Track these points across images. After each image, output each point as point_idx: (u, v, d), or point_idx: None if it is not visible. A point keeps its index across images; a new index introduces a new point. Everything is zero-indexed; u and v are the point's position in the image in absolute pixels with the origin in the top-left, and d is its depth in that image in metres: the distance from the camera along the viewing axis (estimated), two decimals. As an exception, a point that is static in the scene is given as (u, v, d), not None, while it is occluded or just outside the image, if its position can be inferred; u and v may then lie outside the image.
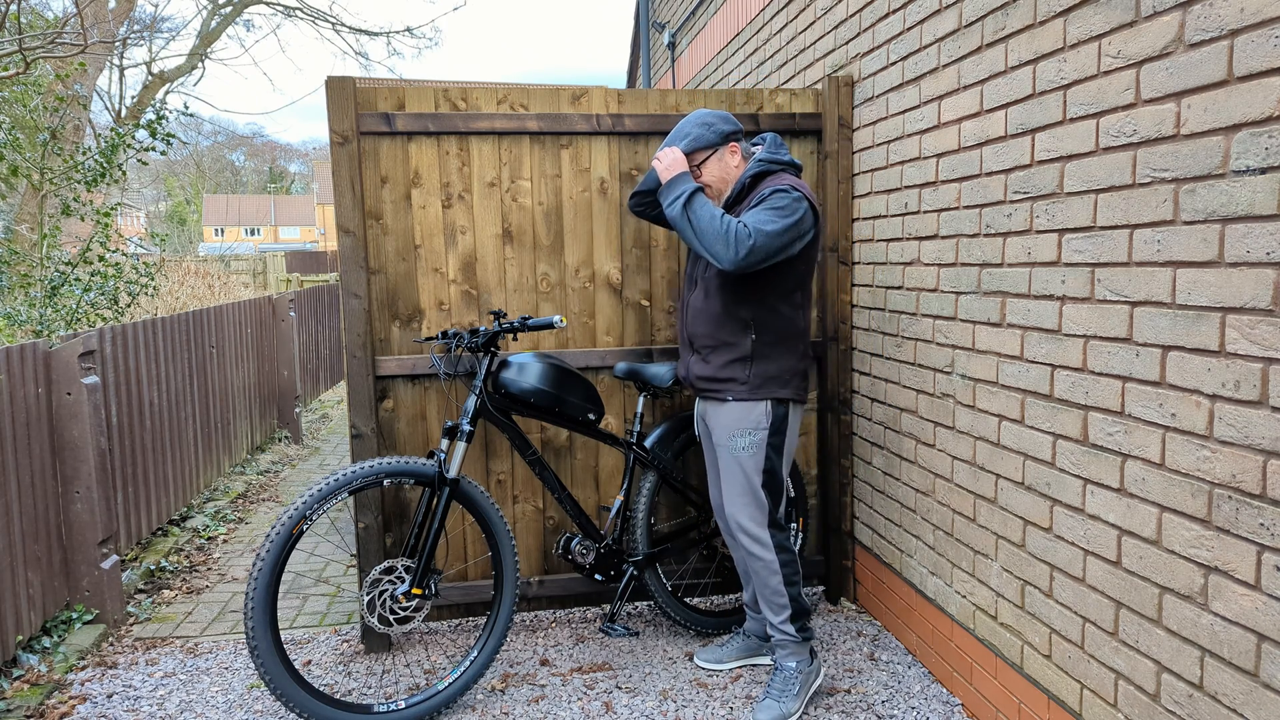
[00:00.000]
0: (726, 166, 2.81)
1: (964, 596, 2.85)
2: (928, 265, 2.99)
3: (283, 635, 3.45)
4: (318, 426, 7.87)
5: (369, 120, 3.20)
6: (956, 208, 2.78)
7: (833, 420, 3.64)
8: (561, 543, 3.25)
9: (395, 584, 2.85)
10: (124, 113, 15.79)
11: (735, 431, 2.80)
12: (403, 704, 2.79)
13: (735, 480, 2.83)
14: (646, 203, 3.01)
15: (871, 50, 3.33)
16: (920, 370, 3.07)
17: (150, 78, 16.28)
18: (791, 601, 2.84)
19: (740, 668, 3.17)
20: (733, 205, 2.83)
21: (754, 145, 2.90)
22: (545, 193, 3.40)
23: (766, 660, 3.18)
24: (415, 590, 2.83)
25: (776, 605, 2.85)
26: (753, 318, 2.79)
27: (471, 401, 2.94)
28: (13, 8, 5.73)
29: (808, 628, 2.88)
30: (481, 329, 3.01)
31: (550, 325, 2.92)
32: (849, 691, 3.00)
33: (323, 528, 4.97)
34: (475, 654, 2.93)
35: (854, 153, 3.54)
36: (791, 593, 2.84)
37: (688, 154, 2.79)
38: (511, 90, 3.40)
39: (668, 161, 2.73)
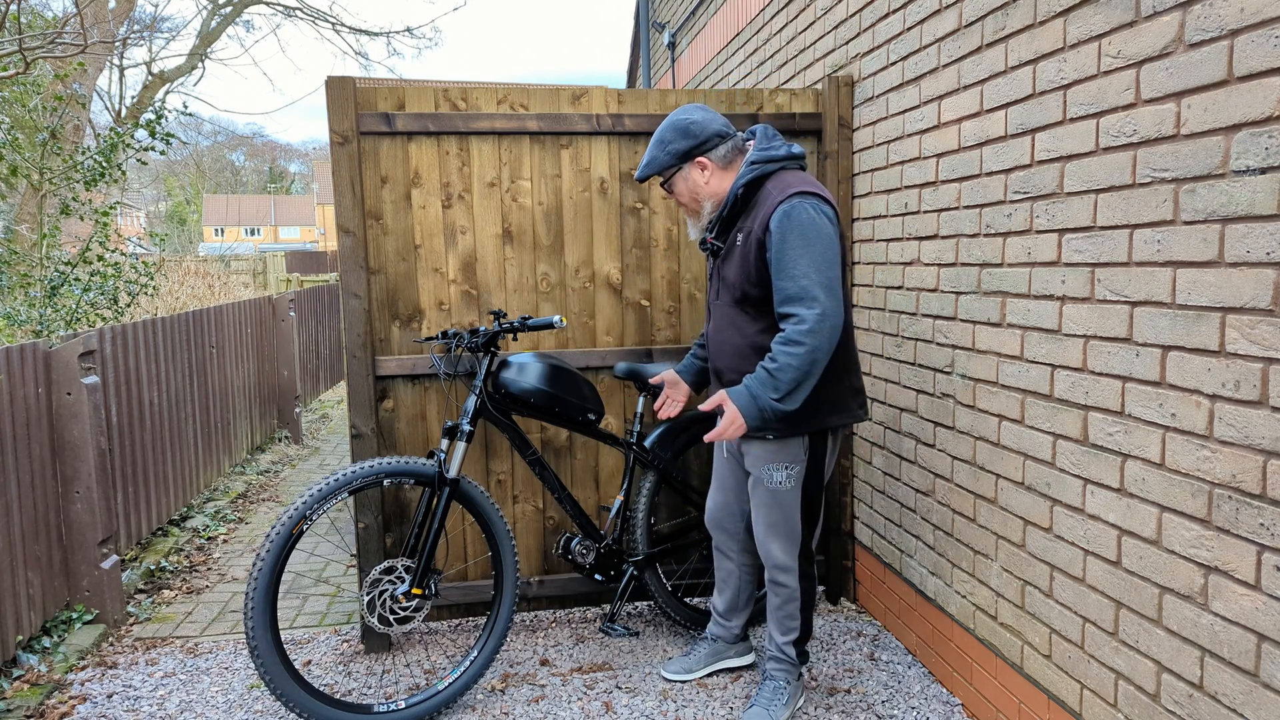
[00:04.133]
0: (695, 184, 2.60)
1: (964, 596, 2.85)
2: (928, 265, 2.99)
3: (283, 635, 3.45)
4: (318, 426, 7.86)
5: (369, 120, 3.20)
6: (956, 208, 2.78)
7: (833, 420, 3.64)
8: (561, 543, 3.25)
9: (395, 584, 2.85)
10: (124, 113, 15.79)
11: (772, 465, 2.62)
12: (403, 704, 2.79)
13: (770, 512, 2.68)
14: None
15: (871, 50, 3.33)
16: (920, 370, 3.07)
17: (150, 78, 16.29)
18: (802, 626, 2.81)
19: (708, 675, 3.11)
20: (730, 222, 2.60)
21: (747, 142, 2.65)
22: (545, 193, 3.40)
23: (734, 663, 3.14)
24: (415, 590, 2.83)
25: (787, 626, 2.81)
26: None
27: (471, 401, 2.94)
28: (13, 8, 5.73)
29: (806, 653, 2.86)
30: (481, 329, 3.01)
31: (550, 325, 2.92)
32: (849, 691, 3.00)
33: (323, 528, 4.97)
34: (475, 654, 2.93)
35: (854, 153, 3.54)
36: (805, 617, 2.80)
37: (651, 172, 2.63)
38: (511, 90, 3.40)
39: (732, 425, 2.42)
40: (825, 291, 2.37)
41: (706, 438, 2.50)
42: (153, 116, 6.43)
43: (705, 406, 2.53)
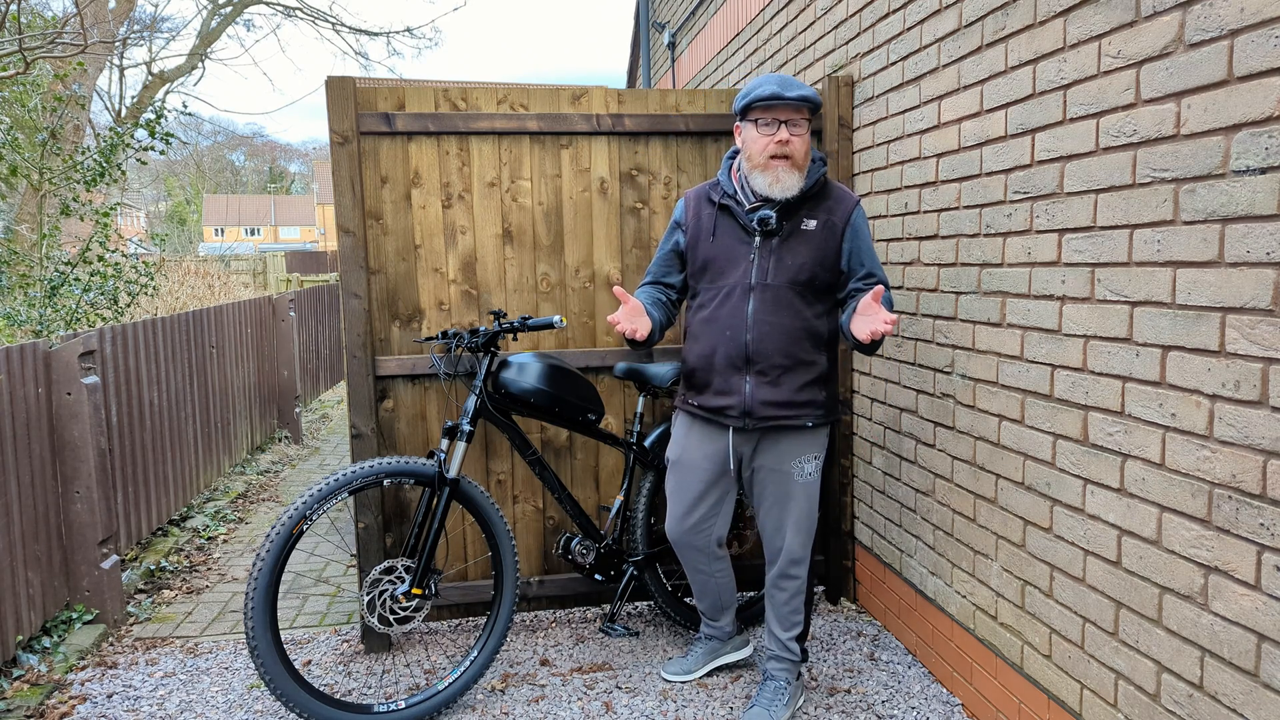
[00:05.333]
0: (809, 145, 2.64)
1: (964, 596, 2.85)
2: (928, 265, 2.99)
3: (283, 635, 3.45)
4: (318, 426, 7.86)
5: (369, 120, 3.20)
6: (956, 208, 2.79)
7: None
8: (561, 543, 3.25)
9: (395, 584, 2.85)
10: (124, 113, 15.80)
11: (804, 458, 2.65)
12: (403, 704, 2.79)
13: (799, 506, 2.69)
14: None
15: (871, 50, 3.33)
16: (920, 370, 3.07)
17: (150, 78, 16.30)
18: (804, 620, 2.83)
19: (709, 673, 3.12)
20: (796, 207, 2.63)
21: None
22: (545, 193, 3.40)
23: (733, 657, 3.13)
24: (415, 590, 2.83)
25: (791, 622, 2.81)
26: (829, 331, 2.65)
27: (471, 401, 2.94)
28: (13, 8, 5.73)
29: (805, 650, 2.87)
30: (481, 329, 3.01)
31: (550, 325, 2.91)
32: (849, 691, 3.00)
33: (323, 528, 4.97)
34: (475, 654, 2.93)
35: (854, 153, 3.54)
36: (806, 611, 2.83)
37: (809, 102, 2.54)
38: (511, 90, 3.40)
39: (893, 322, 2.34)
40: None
41: (875, 332, 2.32)
42: (153, 116, 6.43)
43: (871, 297, 2.36)
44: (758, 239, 2.63)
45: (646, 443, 3.31)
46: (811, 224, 2.63)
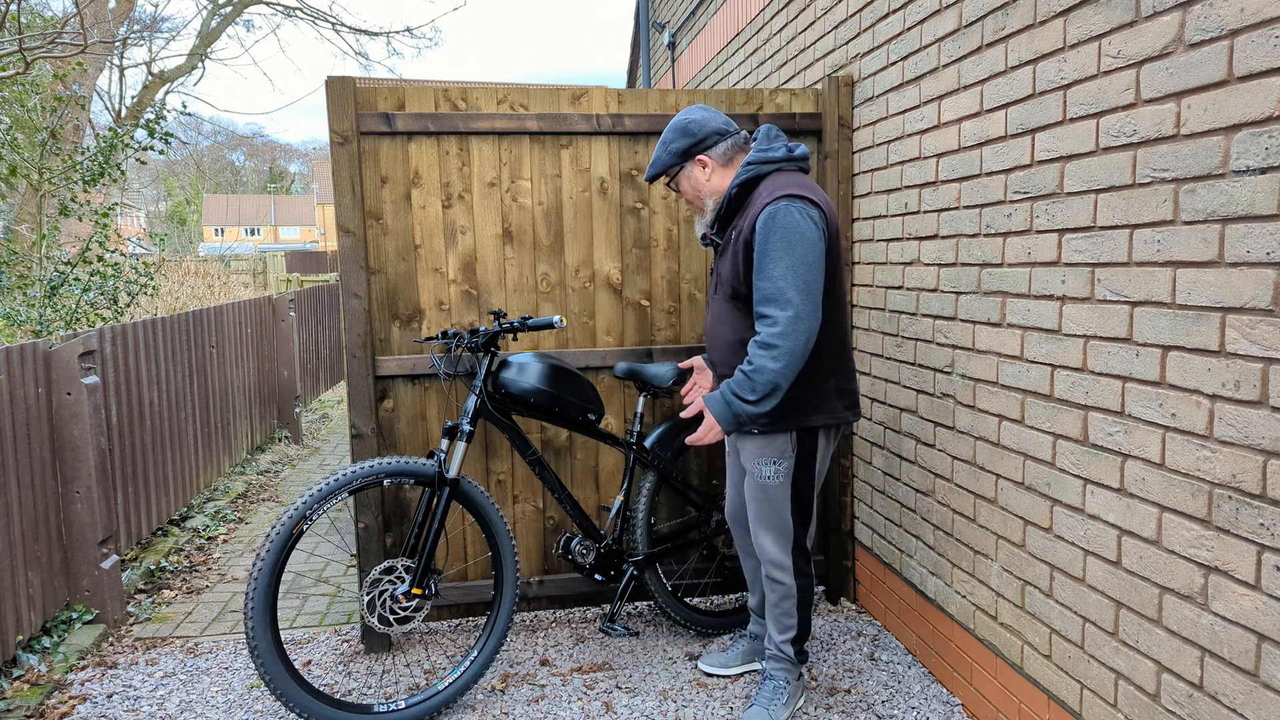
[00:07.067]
0: (697, 182, 2.65)
1: (964, 596, 2.85)
2: (928, 265, 2.99)
3: (283, 635, 3.45)
4: (318, 426, 7.86)
5: (369, 120, 3.20)
6: (956, 208, 2.79)
7: (833, 420, 3.64)
8: (561, 543, 3.25)
9: (395, 584, 2.85)
10: (124, 113, 15.81)
11: (761, 460, 2.66)
12: (403, 704, 2.79)
13: (760, 506, 2.70)
14: None
15: (871, 50, 3.33)
16: (920, 370, 3.07)
17: (150, 78, 16.31)
18: (799, 624, 2.80)
19: (747, 672, 3.13)
20: (727, 220, 2.64)
21: (750, 141, 2.68)
22: (545, 193, 3.40)
23: None
24: (415, 590, 2.83)
25: (783, 625, 2.81)
26: None
27: (471, 401, 2.94)
28: (12, 8, 5.73)
29: (804, 652, 2.85)
30: (481, 329, 3.01)
31: (550, 325, 2.92)
32: (849, 691, 3.00)
33: (323, 528, 4.97)
34: (475, 654, 2.93)
35: (854, 153, 3.54)
36: (802, 614, 2.80)
37: (658, 176, 2.72)
38: (511, 90, 3.40)
39: (710, 431, 2.54)
40: (801, 295, 2.38)
41: (688, 441, 2.61)
42: (152, 116, 6.44)
43: (687, 414, 2.74)
44: (713, 256, 2.79)
45: (646, 443, 3.31)
46: (733, 236, 2.58)
